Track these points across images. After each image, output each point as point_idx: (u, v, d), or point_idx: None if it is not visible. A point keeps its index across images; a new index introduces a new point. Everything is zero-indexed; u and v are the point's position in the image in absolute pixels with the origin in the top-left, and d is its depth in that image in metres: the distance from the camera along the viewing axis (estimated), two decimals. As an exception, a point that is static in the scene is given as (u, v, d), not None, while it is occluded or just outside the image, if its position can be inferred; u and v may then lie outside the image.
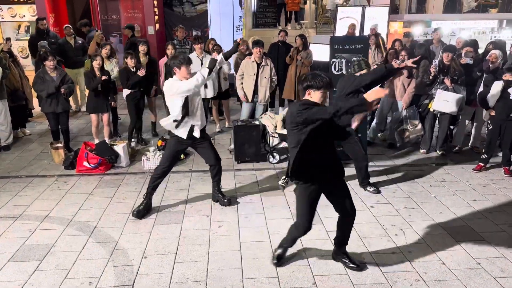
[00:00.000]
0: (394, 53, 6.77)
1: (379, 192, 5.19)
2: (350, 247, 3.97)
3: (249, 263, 3.79)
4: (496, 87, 5.56)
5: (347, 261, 3.72)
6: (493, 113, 5.66)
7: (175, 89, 4.34)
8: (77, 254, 3.95)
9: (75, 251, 4.00)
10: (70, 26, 8.92)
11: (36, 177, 5.78)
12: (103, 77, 6.29)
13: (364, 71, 5.06)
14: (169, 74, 7.02)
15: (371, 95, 2.95)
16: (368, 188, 5.23)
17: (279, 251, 3.77)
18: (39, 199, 5.12)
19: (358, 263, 3.72)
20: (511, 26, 11.54)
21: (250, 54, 6.93)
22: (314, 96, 3.25)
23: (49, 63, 6.16)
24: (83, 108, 9.05)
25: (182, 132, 4.48)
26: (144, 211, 4.67)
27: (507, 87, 5.45)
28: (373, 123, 7.06)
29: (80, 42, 8.90)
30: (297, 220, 3.58)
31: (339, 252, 3.77)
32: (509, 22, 11.92)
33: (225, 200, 4.86)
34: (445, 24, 11.63)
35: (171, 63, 4.43)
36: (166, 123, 4.50)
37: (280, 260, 3.76)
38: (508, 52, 7.49)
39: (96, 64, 6.30)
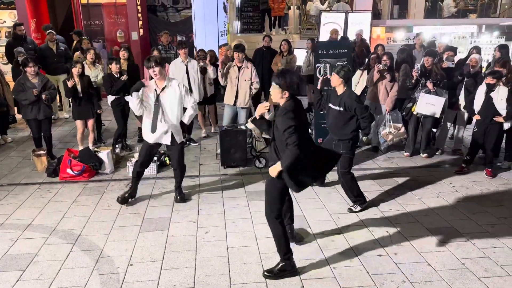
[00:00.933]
0: (376, 58, 6.86)
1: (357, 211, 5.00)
2: (337, 250, 4.00)
3: (237, 268, 3.78)
4: (481, 91, 5.68)
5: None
6: (478, 118, 5.76)
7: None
8: (61, 263, 3.88)
9: (59, 260, 3.92)
10: (54, 32, 8.78)
11: (18, 185, 5.66)
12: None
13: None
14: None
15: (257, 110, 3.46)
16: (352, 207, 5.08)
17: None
18: (22, 207, 5.02)
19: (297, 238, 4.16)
20: (490, 31, 11.84)
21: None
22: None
23: (30, 70, 6.06)
24: (66, 115, 8.95)
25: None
26: (128, 197, 5.00)
27: (490, 90, 5.56)
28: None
29: (63, 48, 8.77)
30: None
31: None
32: (488, 27, 12.24)
33: (178, 197, 5.06)
34: (426, 29, 11.88)
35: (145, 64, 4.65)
36: None
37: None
38: (488, 56, 7.68)
39: (75, 71, 6.22)
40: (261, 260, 3.89)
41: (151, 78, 4.71)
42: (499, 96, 5.50)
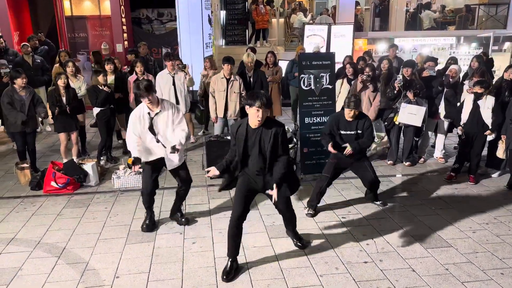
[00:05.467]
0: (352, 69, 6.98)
1: (385, 205, 5.26)
2: (324, 258, 4.04)
3: (224, 278, 3.78)
4: (468, 99, 5.81)
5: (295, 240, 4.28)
6: (461, 130, 5.90)
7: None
8: (46, 277, 3.82)
9: (44, 274, 3.87)
10: (28, 45, 8.65)
11: (1, 199, 5.57)
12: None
13: (347, 110, 4.84)
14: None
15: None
16: (376, 202, 5.30)
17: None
18: (4, 221, 4.94)
19: (305, 243, 4.29)
20: (468, 42, 12.19)
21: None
22: (250, 114, 3.57)
23: (21, 82, 6.01)
24: (48, 128, 8.84)
25: None
26: (151, 224, 4.70)
27: (477, 99, 5.71)
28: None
29: (39, 61, 8.60)
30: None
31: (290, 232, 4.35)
32: (466, 38, 12.59)
33: (183, 220, 4.80)
34: (407, 40, 12.17)
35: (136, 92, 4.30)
36: None
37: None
38: (467, 66, 7.90)
39: (61, 82, 6.19)
40: (248, 269, 3.90)
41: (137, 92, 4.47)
42: (486, 105, 5.64)
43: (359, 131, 4.85)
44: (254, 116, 3.53)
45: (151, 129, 4.35)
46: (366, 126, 4.85)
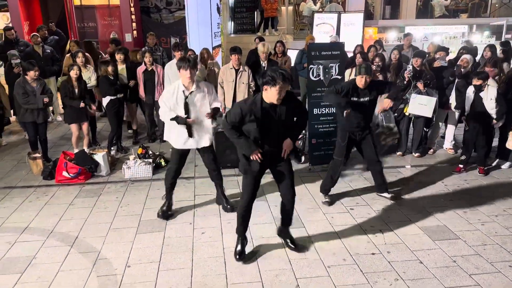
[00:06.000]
0: (363, 58, 6.92)
1: (395, 198, 5.16)
2: (331, 249, 4.07)
3: (233, 268, 3.84)
4: (470, 91, 5.78)
5: (288, 242, 4.12)
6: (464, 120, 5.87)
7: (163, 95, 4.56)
8: (59, 266, 3.92)
9: (57, 263, 3.96)
10: (38, 35, 8.70)
11: (14, 188, 5.68)
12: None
13: (359, 76, 4.72)
14: (148, 81, 7.10)
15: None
16: (385, 194, 5.20)
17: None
18: (18, 210, 5.05)
19: (298, 244, 4.12)
20: (480, 30, 11.98)
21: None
22: (269, 93, 3.46)
23: (33, 74, 6.07)
24: (59, 118, 8.94)
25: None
26: (167, 210, 4.82)
27: (478, 91, 5.66)
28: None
29: (49, 51, 8.67)
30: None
31: (284, 231, 4.19)
32: (479, 26, 12.38)
33: (228, 206, 4.89)
34: (418, 29, 12.00)
35: (177, 63, 4.51)
36: None
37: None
38: (479, 56, 7.78)
39: (73, 73, 6.24)
40: (256, 260, 3.95)
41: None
42: (489, 96, 5.60)
43: (371, 98, 4.79)
44: (274, 94, 3.43)
45: (186, 108, 4.43)
46: (383, 84, 5.00)
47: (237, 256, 3.92)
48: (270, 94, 3.46)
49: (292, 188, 3.96)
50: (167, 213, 4.80)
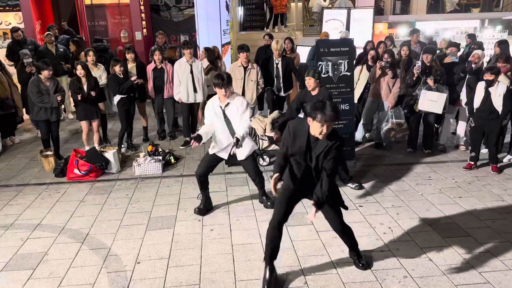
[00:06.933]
0: (375, 55, 6.87)
1: (361, 188, 5.38)
2: (341, 247, 4.06)
3: (242, 265, 3.86)
4: (480, 87, 5.70)
5: (356, 260, 3.79)
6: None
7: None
8: (70, 262, 3.98)
9: (68, 259, 4.02)
10: (51, 34, 8.80)
11: (27, 186, 5.78)
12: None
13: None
14: (158, 79, 7.15)
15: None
16: (350, 185, 5.41)
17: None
18: (31, 207, 5.13)
19: (364, 263, 3.78)
20: (493, 25, 11.80)
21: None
22: (313, 126, 3.20)
23: (47, 73, 6.15)
24: (70, 115, 9.05)
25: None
26: (205, 208, 4.85)
27: (489, 86, 5.59)
28: (360, 124, 7.18)
29: (62, 50, 8.78)
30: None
31: (351, 254, 3.85)
32: (491, 21, 12.19)
33: (268, 203, 4.91)
34: (429, 24, 11.86)
35: (213, 81, 4.46)
36: None
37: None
38: (491, 50, 7.68)
39: (78, 72, 6.29)
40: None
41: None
42: (497, 92, 5.52)
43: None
44: (317, 129, 3.16)
45: (226, 120, 4.51)
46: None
47: (264, 286, 3.54)
48: (313, 127, 3.20)
49: (341, 222, 3.67)
50: (204, 211, 4.84)
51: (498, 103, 5.52)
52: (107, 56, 8.72)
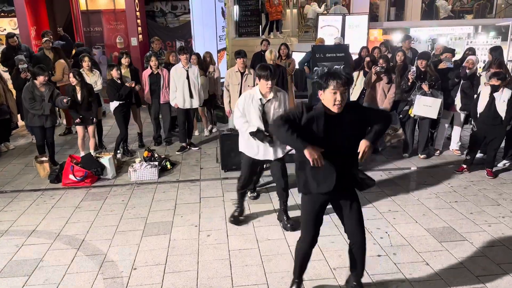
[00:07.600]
0: (370, 61, 6.92)
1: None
2: (337, 251, 4.06)
3: (239, 271, 3.84)
4: (485, 91, 5.73)
5: None
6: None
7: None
8: (66, 268, 3.94)
9: (64, 265, 3.99)
10: (49, 40, 8.73)
11: (22, 192, 5.73)
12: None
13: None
14: (154, 84, 7.16)
15: (307, 153, 2.83)
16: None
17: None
18: (25, 213, 5.09)
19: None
20: (486, 31, 11.92)
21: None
22: (325, 98, 2.88)
23: (43, 79, 6.12)
24: (65, 121, 8.99)
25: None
26: (239, 216, 4.75)
27: (494, 91, 5.62)
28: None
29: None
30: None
31: (351, 283, 3.44)
32: (484, 27, 12.32)
33: (288, 225, 4.52)
34: (423, 30, 11.96)
35: (257, 72, 4.27)
36: None
37: None
38: (484, 56, 7.75)
39: (71, 80, 6.23)
40: (262, 262, 3.96)
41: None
42: (502, 98, 5.55)
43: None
44: (330, 99, 2.83)
45: (263, 116, 4.28)
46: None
47: None
48: (326, 99, 2.88)
49: (361, 224, 3.17)
50: (238, 218, 4.73)
51: (502, 109, 5.55)
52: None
